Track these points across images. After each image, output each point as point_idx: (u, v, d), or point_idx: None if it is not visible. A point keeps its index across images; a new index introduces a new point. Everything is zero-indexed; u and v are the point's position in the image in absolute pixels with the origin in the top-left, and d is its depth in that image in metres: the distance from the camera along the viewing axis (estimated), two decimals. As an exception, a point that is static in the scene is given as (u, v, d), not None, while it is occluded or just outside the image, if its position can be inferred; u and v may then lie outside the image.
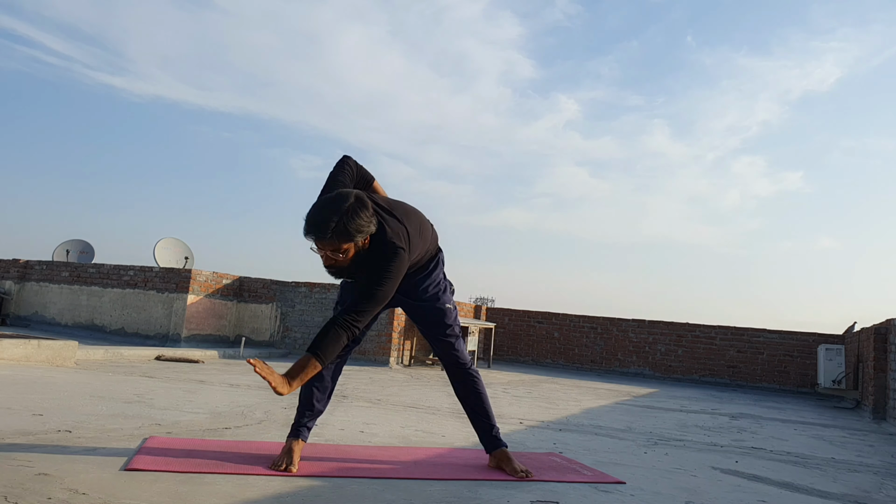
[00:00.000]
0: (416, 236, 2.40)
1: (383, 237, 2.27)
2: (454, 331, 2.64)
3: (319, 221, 2.14)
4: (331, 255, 2.20)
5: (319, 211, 2.17)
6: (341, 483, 2.23)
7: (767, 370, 10.37)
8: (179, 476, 2.14)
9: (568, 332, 11.62)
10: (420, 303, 2.59)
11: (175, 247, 10.93)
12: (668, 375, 10.79)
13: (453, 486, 2.31)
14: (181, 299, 9.13)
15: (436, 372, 8.50)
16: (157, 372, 5.71)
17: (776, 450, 3.96)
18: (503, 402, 5.46)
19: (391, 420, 3.91)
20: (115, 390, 4.25)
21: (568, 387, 7.79)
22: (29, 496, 1.77)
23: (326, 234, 2.13)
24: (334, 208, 2.15)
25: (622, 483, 2.57)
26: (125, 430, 2.90)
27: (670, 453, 3.46)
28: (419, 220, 2.49)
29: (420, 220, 2.50)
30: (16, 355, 5.44)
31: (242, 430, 3.18)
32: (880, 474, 3.39)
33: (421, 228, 2.46)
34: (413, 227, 2.40)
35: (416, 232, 2.40)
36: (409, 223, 2.39)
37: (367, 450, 2.89)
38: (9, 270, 10.95)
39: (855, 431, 5.55)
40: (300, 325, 9.62)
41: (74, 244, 11.83)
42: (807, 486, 2.86)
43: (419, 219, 2.49)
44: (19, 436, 2.58)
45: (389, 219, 2.32)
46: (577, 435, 3.88)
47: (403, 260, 2.28)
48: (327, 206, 2.17)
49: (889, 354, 6.66)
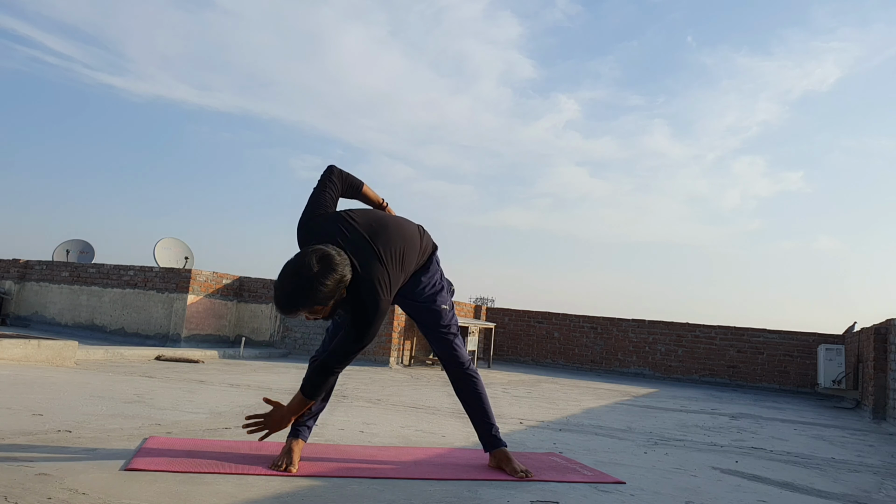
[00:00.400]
0: (397, 267, 2.34)
1: (360, 280, 2.23)
2: (452, 330, 2.64)
3: (286, 304, 2.13)
4: (310, 316, 2.20)
5: (284, 290, 2.12)
6: (341, 483, 2.23)
7: (767, 370, 10.38)
8: (179, 476, 2.14)
9: (568, 332, 11.62)
10: (418, 302, 2.59)
11: (175, 247, 10.93)
12: (668, 375, 10.79)
13: (453, 486, 2.31)
14: (181, 299, 9.13)
15: (436, 372, 8.50)
16: (157, 372, 5.71)
17: (776, 450, 3.96)
18: (503, 402, 5.46)
19: (391, 420, 3.91)
20: (115, 390, 4.25)
21: (568, 387, 7.79)
22: (29, 496, 1.77)
23: (297, 311, 2.15)
24: (298, 284, 2.10)
25: (622, 483, 2.57)
26: (125, 430, 2.90)
27: (670, 453, 3.46)
28: (403, 236, 2.41)
29: (404, 236, 2.42)
30: (16, 355, 5.44)
31: (242, 430, 3.18)
32: (880, 474, 3.39)
33: (405, 250, 2.39)
34: (394, 253, 2.34)
35: (396, 261, 2.34)
36: (390, 249, 2.33)
37: (367, 450, 2.89)
38: (9, 270, 10.96)
39: (855, 431, 5.55)
40: (300, 325, 9.62)
41: (74, 244, 11.83)
42: (807, 486, 2.86)
43: (403, 235, 2.42)
44: (19, 436, 2.58)
45: (368, 253, 2.28)
46: (577, 435, 3.88)
47: (384, 302, 2.27)
48: (292, 283, 2.11)
49: (889, 354, 6.66)
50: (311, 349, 9.38)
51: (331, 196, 2.48)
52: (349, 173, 2.60)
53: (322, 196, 2.46)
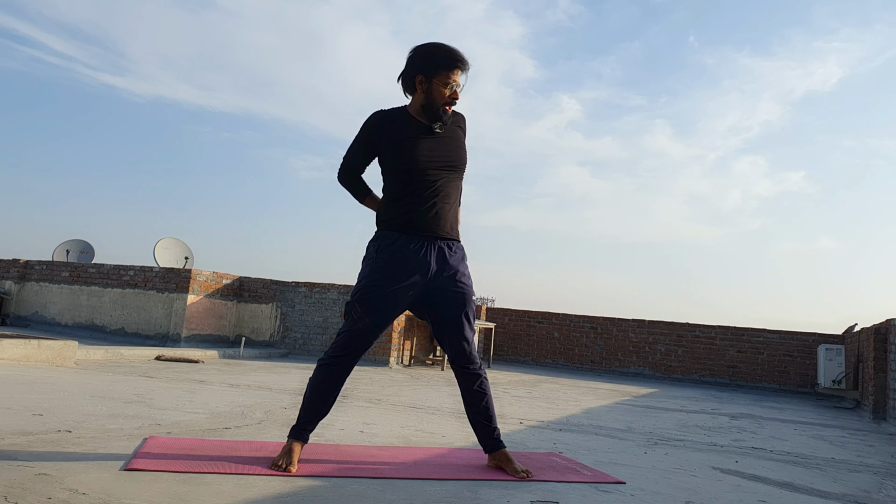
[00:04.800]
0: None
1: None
2: (473, 324, 2.66)
3: (463, 53, 2.50)
4: (458, 92, 2.50)
5: (452, 47, 2.51)
6: (341, 483, 2.23)
7: (767, 370, 10.37)
8: (179, 476, 2.14)
9: (568, 332, 11.62)
10: (462, 286, 2.58)
11: (175, 247, 10.93)
12: (668, 375, 10.79)
13: (453, 487, 2.31)
14: (181, 299, 9.13)
15: (436, 372, 8.50)
16: (157, 372, 5.71)
17: (776, 450, 3.96)
18: (503, 402, 5.46)
19: (391, 420, 3.91)
20: (115, 390, 4.25)
21: (568, 387, 7.79)
22: (29, 496, 1.77)
23: (468, 63, 2.51)
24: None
25: (622, 483, 2.57)
26: (125, 430, 2.90)
27: (670, 453, 3.46)
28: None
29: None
30: (16, 355, 5.44)
31: (242, 430, 3.18)
32: (880, 474, 3.39)
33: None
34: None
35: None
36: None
37: (367, 450, 2.89)
38: (9, 270, 10.96)
39: (855, 431, 5.55)
40: (300, 325, 9.62)
41: (74, 244, 11.83)
42: (807, 486, 2.86)
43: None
44: (19, 436, 2.58)
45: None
46: (577, 435, 3.88)
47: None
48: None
49: (889, 354, 6.66)
50: (311, 349, 9.39)
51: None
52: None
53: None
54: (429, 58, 2.49)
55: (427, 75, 2.49)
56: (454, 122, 2.63)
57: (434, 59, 2.48)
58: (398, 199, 2.54)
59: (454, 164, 2.57)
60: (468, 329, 2.61)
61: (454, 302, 2.57)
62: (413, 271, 2.48)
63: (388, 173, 2.57)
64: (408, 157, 2.49)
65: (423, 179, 2.50)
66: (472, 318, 2.62)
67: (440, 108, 2.50)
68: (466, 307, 2.59)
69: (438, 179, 2.52)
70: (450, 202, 2.56)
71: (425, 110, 2.53)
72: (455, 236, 2.61)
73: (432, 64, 2.48)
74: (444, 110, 2.51)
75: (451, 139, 2.59)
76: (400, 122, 2.54)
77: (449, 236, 2.57)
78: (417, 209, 2.50)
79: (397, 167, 2.53)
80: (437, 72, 2.47)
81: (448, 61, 2.47)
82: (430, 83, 2.49)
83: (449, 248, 2.56)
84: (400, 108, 2.59)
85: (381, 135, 2.53)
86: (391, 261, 2.49)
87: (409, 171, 2.50)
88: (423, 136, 2.52)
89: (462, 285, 2.58)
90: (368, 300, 2.48)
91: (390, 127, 2.53)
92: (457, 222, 2.63)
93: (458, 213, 2.64)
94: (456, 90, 2.50)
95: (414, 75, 2.52)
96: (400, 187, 2.54)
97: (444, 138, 2.56)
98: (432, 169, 2.51)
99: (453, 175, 2.57)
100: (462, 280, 2.58)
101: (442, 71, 2.46)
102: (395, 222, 2.53)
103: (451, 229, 2.58)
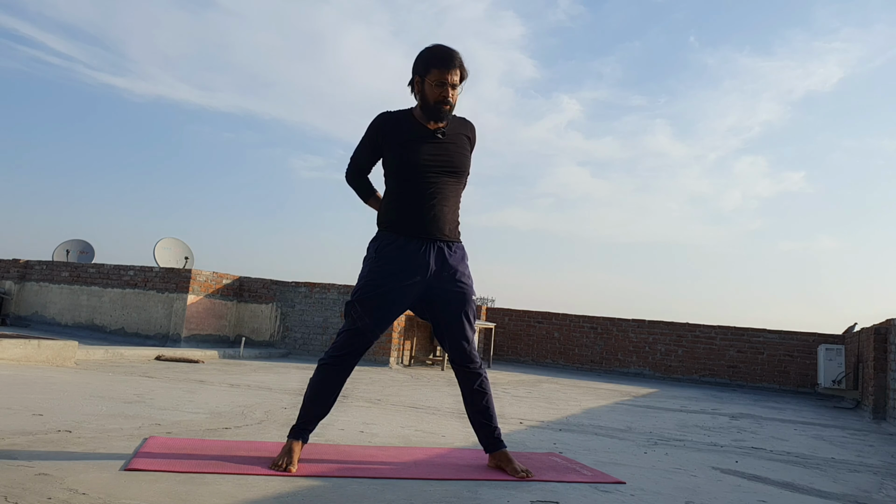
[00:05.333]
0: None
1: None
2: (473, 323, 2.67)
3: (456, 53, 2.51)
4: (453, 92, 2.51)
5: (447, 47, 2.53)
6: (341, 483, 2.23)
7: (767, 370, 10.37)
8: (179, 476, 2.14)
9: (568, 332, 11.62)
10: (463, 285, 2.59)
11: (175, 247, 10.93)
12: (668, 375, 10.79)
13: (453, 487, 2.31)
14: (181, 299, 9.13)
15: (436, 372, 8.51)
16: (157, 372, 5.71)
17: (776, 450, 3.96)
18: (503, 401, 5.46)
19: (391, 420, 3.91)
20: (115, 390, 4.25)
21: (568, 387, 7.79)
22: (29, 496, 1.77)
23: (461, 63, 2.52)
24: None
25: (622, 483, 2.57)
26: (125, 430, 2.90)
27: (670, 453, 3.46)
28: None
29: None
30: (16, 355, 5.44)
31: (242, 430, 3.18)
32: (880, 474, 3.39)
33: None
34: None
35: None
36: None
37: (367, 450, 2.89)
38: (9, 270, 10.96)
39: (855, 431, 5.55)
40: (300, 325, 9.62)
41: (74, 244, 11.83)
42: (807, 486, 2.86)
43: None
44: (19, 436, 2.58)
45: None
46: (577, 435, 3.88)
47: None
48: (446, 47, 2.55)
49: (889, 354, 6.66)
50: (311, 349, 9.39)
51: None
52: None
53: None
54: (422, 59, 2.54)
55: (421, 75, 2.53)
56: (460, 130, 2.65)
57: (426, 60, 2.53)
58: (398, 200, 2.55)
59: (455, 169, 2.58)
60: (468, 328, 2.62)
61: (454, 301, 2.58)
62: (413, 271, 2.49)
63: (390, 174, 2.59)
64: (408, 159, 2.51)
65: (422, 181, 2.51)
66: (472, 317, 2.63)
67: (435, 106, 2.51)
68: (466, 306, 2.60)
69: (438, 182, 2.53)
70: (449, 205, 2.58)
71: (423, 110, 2.55)
72: (455, 237, 2.62)
73: (425, 64, 2.53)
74: (442, 108, 2.52)
75: (455, 145, 2.60)
76: (404, 123, 2.56)
77: (448, 237, 2.58)
78: (416, 210, 2.52)
79: (398, 168, 2.54)
80: (428, 71, 2.51)
81: (438, 60, 2.50)
82: (424, 83, 2.53)
83: (448, 248, 2.58)
84: (405, 111, 2.63)
85: (385, 135, 2.55)
86: (391, 260, 2.50)
87: (410, 172, 2.52)
88: (425, 139, 2.54)
89: (462, 285, 2.59)
90: (368, 300, 2.49)
91: (394, 128, 2.55)
92: (456, 225, 2.64)
93: (457, 216, 2.65)
94: (448, 88, 2.51)
95: (413, 77, 2.57)
96: (400, 188, 2.55)
97: (447, 143, 2.58)
98: (432, 172, 2.52)
99: (453, 180, 2.58)
100: (462, 280, 2.59)
101: (433, 70, 2.50)
102: (395, 223, 2.54)
103: (450, 231, 2.59)
